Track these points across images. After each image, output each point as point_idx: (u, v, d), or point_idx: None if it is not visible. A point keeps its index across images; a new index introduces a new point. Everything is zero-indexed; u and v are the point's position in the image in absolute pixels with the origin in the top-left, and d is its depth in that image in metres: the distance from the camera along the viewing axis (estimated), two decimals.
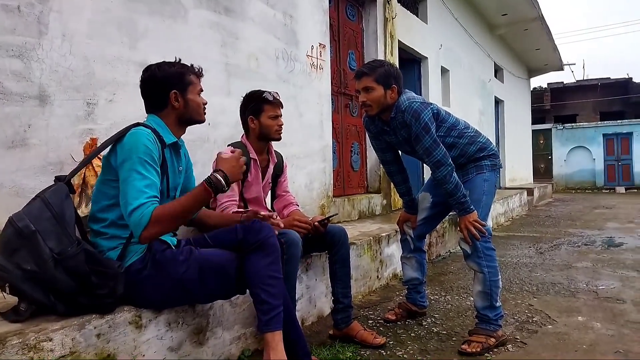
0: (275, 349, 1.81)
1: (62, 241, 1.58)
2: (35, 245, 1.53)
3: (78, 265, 1.58)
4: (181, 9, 2.94)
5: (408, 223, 2.86)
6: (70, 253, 1.57)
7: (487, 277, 2.45)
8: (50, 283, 1.55)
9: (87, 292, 1.61)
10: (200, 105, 1.94)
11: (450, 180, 2.40)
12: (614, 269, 4.15)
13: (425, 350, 2.40)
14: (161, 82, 1.86)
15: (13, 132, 2.10)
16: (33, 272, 1.53)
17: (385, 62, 2.61)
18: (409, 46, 6.57)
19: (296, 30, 4.08)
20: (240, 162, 1.83)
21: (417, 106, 2.41)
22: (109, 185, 1.76)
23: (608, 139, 17.77)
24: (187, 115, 1.91)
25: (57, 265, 1.55)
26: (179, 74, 1.89)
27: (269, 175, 2.54)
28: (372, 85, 2.45)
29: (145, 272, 1.73)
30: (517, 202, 8.88)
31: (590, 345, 2.43)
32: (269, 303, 1.83)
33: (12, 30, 2.10)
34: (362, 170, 5.61)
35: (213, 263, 1.81)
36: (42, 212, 1.59)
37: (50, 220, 1.58)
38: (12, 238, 1.54)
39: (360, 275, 3.35)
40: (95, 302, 1.63)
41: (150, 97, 1.90)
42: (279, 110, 2.44)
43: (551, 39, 11.70)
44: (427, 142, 2.40)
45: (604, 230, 6.67)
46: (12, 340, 1.38)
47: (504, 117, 11.73)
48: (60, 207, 1.63)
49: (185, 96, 1.88)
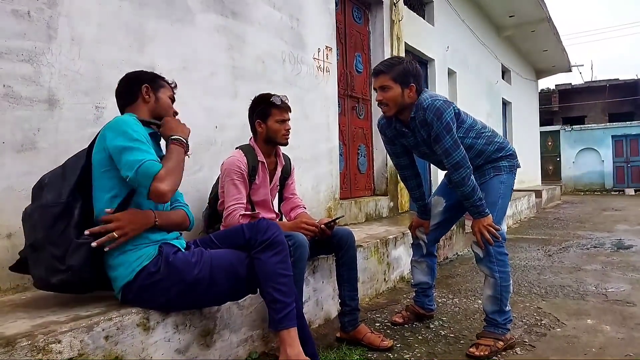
0: (292, 345, 1.82)
1: (55, 195, 1.72)
2: (42, 196, 1.74)
3: (47, 217, 1.68)
4: (189, 13, 2.96)
5: (421, 229, 2.82)
6: (51, 203, 1.69)
7: (499, 282, 2.41)
8: (33, 231, 1.71)
9: (46, 249, 1.68)
10: (171, 105, 2.01)
11: (468, 184, 2.35)
12: (623, 271, 4.11)
13: (433, 353, 2.39)
14: (133, 78, 1.96)
15: (23, 135, 2.12)
16: (35, 220, 1.71)
17: (404, 59, 2.48)
18: (416, 48, 6.56)
19: (303, 33, 4.09)
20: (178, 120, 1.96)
21: (439, 104, 2.34)
22: (105, 176, 1.75)
23: (617, 140, 17.61)
24: (158, 112, 1.96)
25: (39, 214, 1.71)
26: (153, 74, 2.02)
27: (277, 178, 2.54)
28: (389, 84, 2.38)
29: (158, 276, 1.74)
30: (525, 204, 8.83)
31: (599, 348, 2.40)
32: (282, 301, 1.83)
33: (22, 35, 2.12)
34: (369, 173, 5.60)
35: (224, 263, 1.83)
36: (57, 171, 1.80)
37: (59, 177, 1.77)
38: (35, 189, 1.81)
39: (368, 278, 3.35)
40: (50, 264, 1.67)
41: (121, 92, 1.97)
42: (286, 114, 2.44)
43: (559, 40, 11.64)
44: (447, 143, 2.34)
45: (613, 232, 6.61)
46: (22, 342, 1.39)
47: (511, 119, 11.68)
48: (73, 167, 1.78)
49: (157, 93, 1.96)
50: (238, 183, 2.32)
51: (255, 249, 1.86)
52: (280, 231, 1.91)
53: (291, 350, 1.81)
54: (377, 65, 2.47)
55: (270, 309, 1.87)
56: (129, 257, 1.74)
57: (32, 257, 1.72)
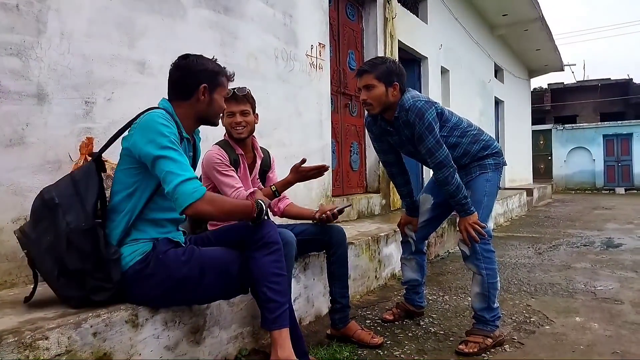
0: (283, 346, 1.81)
1: (79, 217, 1.65)
2: (56, 217, 1.64)
3: (83, 242, 1.64)
4: (180, 8, 2.94)
5: (409, 226, 2.84)
6: (81, 227, 1.63)
7: (486, 279, 2.43)
8: (60, 257, 1.63)
9: (88, 272, 1.65)
10: (222, 109, 1.93)
11: (452, 182, 2.38)
12: (612, 269, 4.15)
13: (423, 351, 2.40)
14: (196, 72, 1.82)
15: (11, 130, 2.10)
16: (50, 243, 1.63)
17: (387, 59, 2.53)
18: (409, 46, 6.57)
19: (296, 30, 4.07)
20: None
21: (421, 105, 2.37)
22: (129, 173, 1.75)
23: (608, 139, 17.77)
24: (207, 113, 1.87)
25: (69, 240, 1.62)
26: (215, 71, 1.86)
27: (257, 171, 2.51)
28: (373, 83, 2.41)
29: (147, 271, 1.73)
30: (516, 202, 8.88)
31: (587, 345, 2.43)
32: (276, 301, 1.82)
33: (11, 29, 2.10)
34: (361, 170, 5.61)
35: (215, 262, 1.81)
36: (67, 188, 1.69)
37: (73, 196, 1.67)
38: (39, 209, 1.68)
39: (359, 275, 3.35)
40: (94, 284, 1.66)
41: (178, 83, 1.84)
42: (234, 106, 2.37)
43: (552, 40, 11.70)
44: (430, 143, 2.37)
45: (603, 231, 6.67)
46: (8, 338, 1.38)
47: (504, 117, 11.73)
48: (85, 184, 1.70)
49: (213, 94, 1.85)
50: (229, 171, 2.29)
51: (250, 248, 1.86)
52: (275, 230, 1.89)
53: (282, 351, 1.80)
54: (361, 66, 2.51)
55: (263, 308, 1.86)
56: (125, 250, 1.74)
57: (65, 284, 1.66)
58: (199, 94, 1.82)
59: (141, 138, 1.68)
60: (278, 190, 2.42)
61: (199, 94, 1.82)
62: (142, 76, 2.68)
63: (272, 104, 3.72)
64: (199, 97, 1.83)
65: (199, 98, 1.83)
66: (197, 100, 1.83)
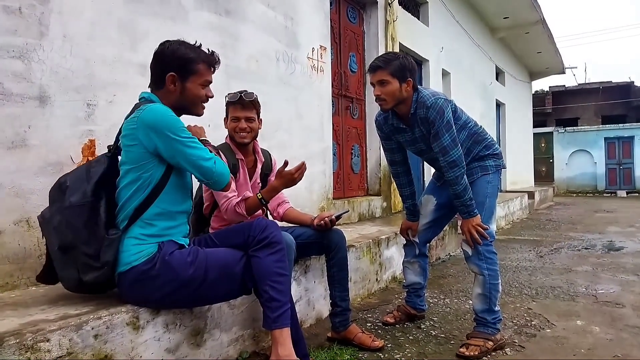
0: (284, 345, 1.82)
1: (83, 194, 1.72)
2: (64, 198, 1.73)
3: (75, 217, 1.69)
4: (181, 10, 2.95)
5: (410, 231, 2.83)
6: (77, 203, 1.70)
7: (487, 279, 2.44)
8: (60, 233, 1.71)
9: (78, 247, 1.69)
10: (200, 97, 1.85)
11: (461, 182, 2.39)
12: (613, 273, 4.14)
13: (424, 354, 2.40)
14: (163, 60, 1.80)
15: (13, 132, 2.10)
16: (58, 222, 1.71)
17: (400, 54, 2.51)
18: (410, 49, 6.57)
19: (297, 32, 4.08)
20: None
21: (442, 102, 2.37)
22: (135, 171, 1.74)
23: (610, 142, 17.74)
24: (181, 104, 1.84)
25: (64, 215, 1.70)
26: (186, 58, 1.80)
27: (257, 175, 2.50)
28: (387, 79, 2.39)
29: (153, 272, 1.73)
30: (518, 205, 8.87)
31: (588, 349, 2.42)
32: (278, 300, 1.83)
33: (14, 32, 2.11)
34: (362, 173, 5.61)
35: (219, 263, 1.82)
36: (81, 174, 1.79)
37: (83, 181, 1.75)
38: (53, 192, 1.80)
39: (360, 278, 3.35)
40: (83, 261, 1.69)
41: (151, 72, 1.85)
42: (240, 112, 2.37)
43: (553, 42, 11.70)
44: (446, 141, 2.37)
45: (604, 234, 6.66)
46: (9, 340, 1.38)
47: (505, 120, 11.72)
48: (96, 169, 1.77)
49: (184, 83, 1.80)
50: None
51: (253, 247, 1.86)
52: (278, 230, 1.90)
53: (283, 350, 1.81)
54: (374, 61, 2.47)
55: (265, 308, 1.86)
56: (132, 249, 1.74)
57: (62, 260, 1.72)
58: (168, 83, 1.79)
59: (153, 133, 1.68)
60: (265, 197, 2.25)
61: (168, 83, 1.79)
62: (143, 79, 2.66)
63: (273, 106, 3.73)
64: (169, 86, 1.80)
65: (168, 88, 1.80)
66: (168, 90, 1.81)
